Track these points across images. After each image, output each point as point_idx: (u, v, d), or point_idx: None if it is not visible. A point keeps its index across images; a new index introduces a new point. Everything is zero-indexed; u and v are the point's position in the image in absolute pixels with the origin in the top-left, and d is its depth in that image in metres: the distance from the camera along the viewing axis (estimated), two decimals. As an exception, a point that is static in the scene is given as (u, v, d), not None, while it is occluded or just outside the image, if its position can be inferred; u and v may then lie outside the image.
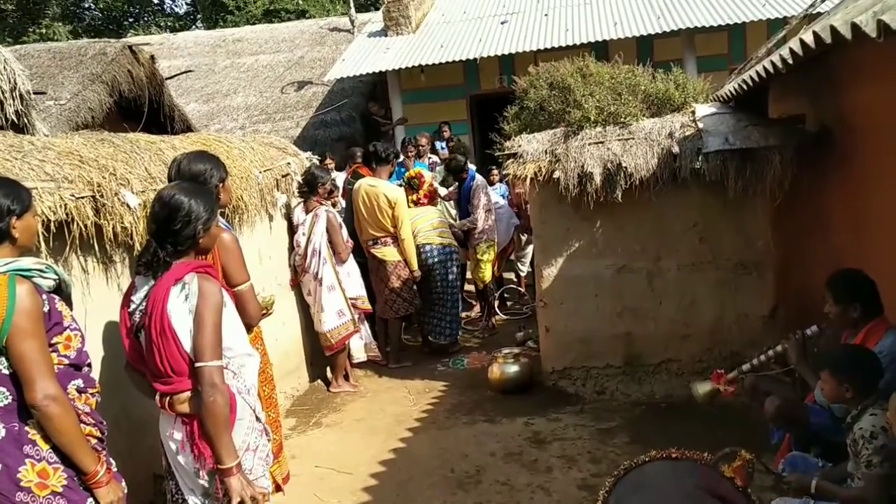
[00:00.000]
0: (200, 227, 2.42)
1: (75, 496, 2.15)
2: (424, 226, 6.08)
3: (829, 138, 3.95)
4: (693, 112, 4.65)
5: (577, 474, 3.81)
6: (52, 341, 2.16)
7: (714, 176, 4.40)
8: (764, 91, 4.55)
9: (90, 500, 2.18)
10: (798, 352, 3.29)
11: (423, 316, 6.23)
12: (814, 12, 4.87)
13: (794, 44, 2.76)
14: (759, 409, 3.31)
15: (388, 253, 5.78)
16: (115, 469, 2.33)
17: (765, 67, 3.36)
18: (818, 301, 3.35)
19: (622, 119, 4.72)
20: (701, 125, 4.50)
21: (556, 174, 4.62)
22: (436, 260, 6.06)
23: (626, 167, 4.50)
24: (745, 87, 3.97)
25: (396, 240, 5.76)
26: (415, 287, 5.90)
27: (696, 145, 4.44)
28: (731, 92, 4.41)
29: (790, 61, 2.91)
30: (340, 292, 5.32)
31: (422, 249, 5.98)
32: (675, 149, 4.48)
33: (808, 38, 2.50)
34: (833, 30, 2.13)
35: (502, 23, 10.52)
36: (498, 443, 4.29)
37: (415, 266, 5.83)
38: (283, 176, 5.18)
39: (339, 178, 7.20)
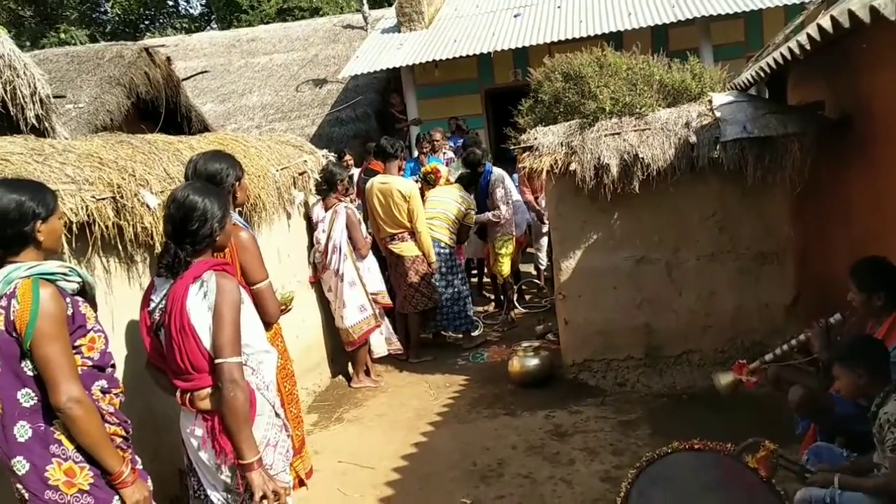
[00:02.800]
0: (216, 226, 2.45)
1: (102, 494, 2.18)
2: (440, 217, 6.07)
3: (850, 124, 3.89)
4: (710, 101, 4.61)
5: (600, 466, 3.80)
6: (76, 344, 2.18)
7: (732, 165, 4.36)
8: (782, 78, 4.50)
9: (116, 498, 2.21)
10: (822, 341, 3.25)
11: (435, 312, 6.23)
12: (832, -4, 4.80)
13: (811, 29, 2.73)
14: (783, 400, 3.28)
15: (405, 248, 5.79)
16: (140, 467, 2.36)
17: (782, 54, 3.32)
18: (841, 290, 3.31)
19: (638, 110, 4.68)
20: (718, 114, 4.46)
21: (573, 166, 4.60)
22: (442, 256, 6.06)
23: (642, 158, 4.47)
24: (762, 74, 3.93)
25: (413, 234, 5.78)
26: (433, 281, 5.91)
27: (714, 134, 4.40)
28: (748, 80, 4.37)
29: (808, 47, 2.88)
30: (361, 287, 5.34)
31: (435, 244, 5.99)
32: (693, 138, 4.44)
33: (826, 23, 2.46)
34: (852, 14, 2.10)
35: (515, 16, 10.48)
36: (519, 436, 4.29)
37: (433, 258, 5.85)
38: (300, 174, 5.21)
39: (355, 174, 7.22)
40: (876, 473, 2.51)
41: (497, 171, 6.67)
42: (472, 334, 6.25)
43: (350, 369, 5.65)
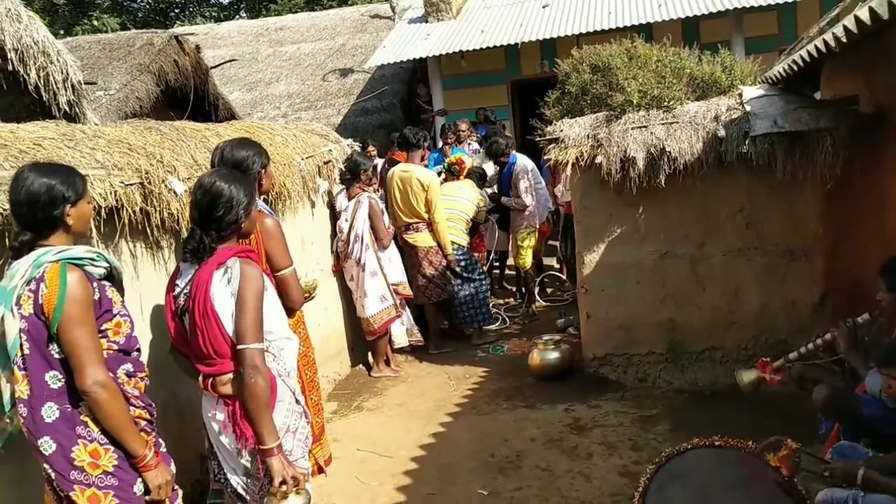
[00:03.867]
0: (242, 212, 2.47)
1: (126, 476, 2.22)
2: (455, 219, 6.04)
3: (885, 119, 3.81)
4: (740, 94, 4.54)
5: (618, 461, 3.79)
6: (102, 328, 2.22)
7: (762, 160, 4.29)
8: (815, 72, 4.41)
9: (140, 480, 2.25)
10: (849, 340, 3.20)
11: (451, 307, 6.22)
12: (869, -11, 4.69)
13: (848, 21, 2.67)
14: (808, 399, 3.23)
15: (419, 239, 5.78)
16: (164, 450, 2.39)
17: (817, 47, 3.25)
18: (870, 289, 3.26)
19: (666, 102, 4.63)
20: (748, 108, 4.39)
21: (599, 159, 4.56)
22: (458, 258, 6.04)
23: (669, 151, 4.42)
24: (795, 67, 3.85)
25: (429, 226, 5.78)
26: (448, 273, 5.90)
27: (744, 128, 4.34)
28: (780, 73, 4.29)
29: (844, 40, 2.82)
30: (382, 278, 5.36)
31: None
32: (721, 132, 4.38)
33: (864, 14, 2.41)
34: (891, 5, 2.05)
35: (544, 6, 10.39)
36: (538, 429, 4.29)
37: (449, 250, 5.84)
38: (325, 163, 5.23)
39: (379, 165, 7.23)
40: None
41: (521, 162, 6.64)
42: (485, 328, 6.23)
43: (370, 359, 5.68)
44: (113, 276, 2.35)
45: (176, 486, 2.38)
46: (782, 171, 4.28)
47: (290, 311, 2.99)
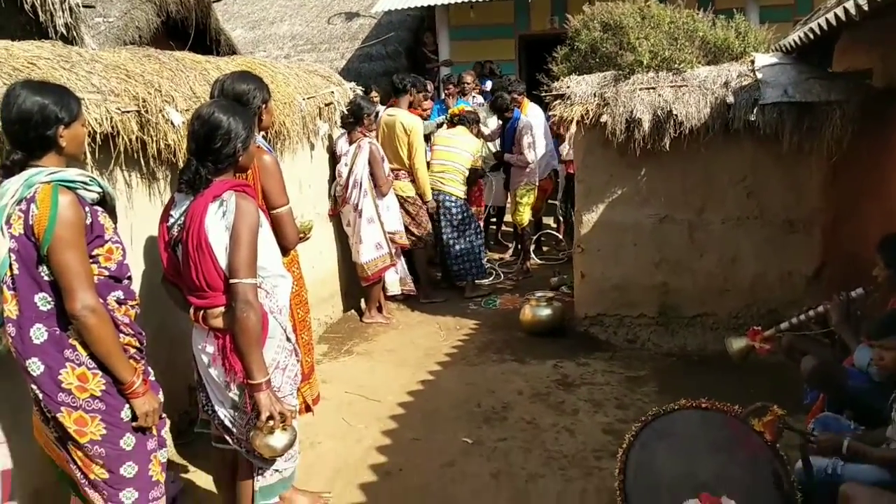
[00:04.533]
0: (240, 145, 2.42)
1: (113, 401, 2.22)
2: (450, 170, 6.00)
3: (897, 94, 3.75)
4: (752, 61, 4.46)
5: (604, 418, 3.82)
6: (93, 253, 2.18)
7: (769, 129, 4.24)
8: (830, 43, 4.32)
9: (127, 406, 2.25)
10: (841, 313, 3.21)
11: (448, 262, 6.22)
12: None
13: (870, -11, 2.60)
14: (795, 369, 3.26)
15: (398, 187, 5.71)
16: (152, 379, 2.39)
17: (836, 15, 3.17)
18: (867, 264, 3.25)
19: (676, 65, 4.55)
20: (759, 75, 4.32)
21: (604, 118, 4.50)
22: (454, 212, 6.02)
23: (676, 115, 4.36)
24: (810, 37, 3.77)
25: (410, 174, 5.73)
26: (426, 223, 5.86)
27: (753, 96, 4.27)
28: (794, 42, 4.20)
29: (866, 8, 2.75)
30: (379, 225, 5.33)
31: (440, 196, 5.95)
32: (730, 99, 4.32)
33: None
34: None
35: (558, -40, 10.14)
36: (526, 382, 4.32)
37: (429, 196, 5.83)
38: (326, 104, 5.14)
39: (381, 112, 7.11)
40: (885, 447, 2.49)
41: (525, 118, 6.56)
42: (476, 282, 6.23)
43: (363, 304, 5.68)
44: (106, 202, 2.31)
45: (163, 415, 2.39)
46: (789, 142, 4.24)
47: (285, 250, 2.97)
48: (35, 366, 2.13)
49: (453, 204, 6.00)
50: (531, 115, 6.71)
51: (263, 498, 2.62)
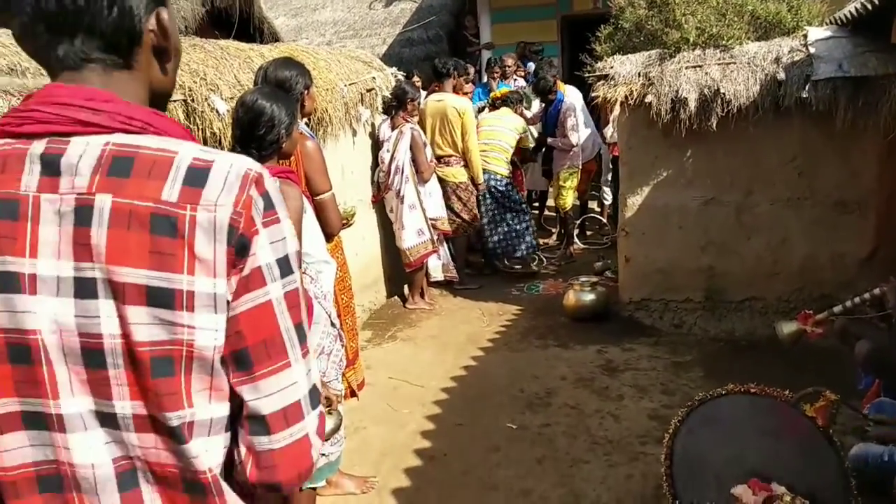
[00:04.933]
0: (283, 132, 2.44)
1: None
2: (495, 148, 5.99)
3: (959, 67, 3.59)
4: (805, 35, 4.31)
5: (649, 404, 3.78)
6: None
7: (822, 106, 4.10)
8: (888, 14, 4.15)
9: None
10: (898, 296, 3.09)
11: (486, 245, 6.23)
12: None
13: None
14: (849, 354, 3.15)
15: (449, 173, 5.71)
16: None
17: (893, -16, 3.04)
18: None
19: (724, 42, 4.42)
20: (812, 50, 4.17)
21: (648, 98, 4.41)
22: (501, 190, 6.02)
23: (724, 93, 4.25)
24: (868, 7, 3.62)
25: (462, 159, 5.71)
26: (476, 209, 5.86)
27: (805, 72, 4.13)
28: (849, 14, 4.04)
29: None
30: (421, 212, 5.34)
31: (492, 177, 5.95)
32: (781, 75, 4.18)
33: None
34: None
35: (601, -62, 9.94)
36: (569, 367, 4.29)
37: (481, 179, 5.84)
38: (367, 90, 5.15)
39: (422, 97, 7.11)
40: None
41: (569, 100, 6.47)
42: (517, 266, 6.23)
43: (406, 290, 5.71)
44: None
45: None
46: (843, 119, 4.10)
47: (329, 236, 2.99)
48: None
49: (498, 182, 6.00)
50: (571, 97, 6.63)
51: (310, 482, 2.66)
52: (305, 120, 3.21)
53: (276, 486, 1.00)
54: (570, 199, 6.60)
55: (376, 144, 5.40)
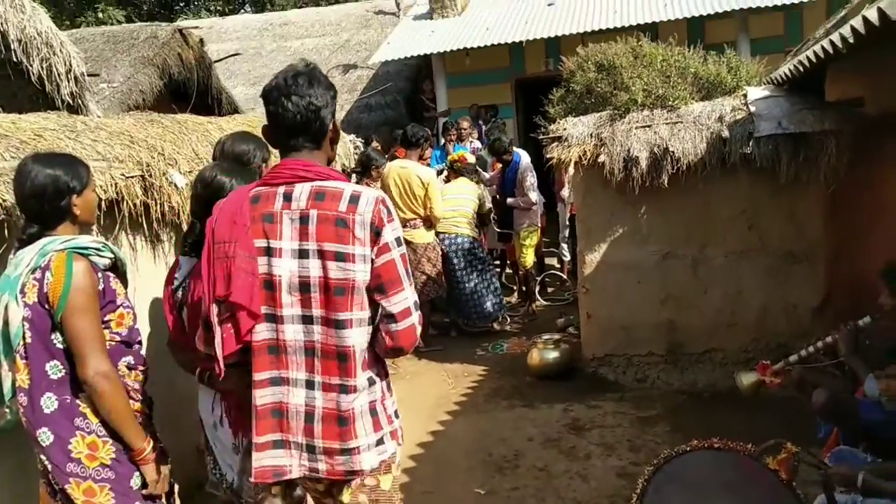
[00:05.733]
0: (244, 207, 2.47)
1: (122, 469, 2.21)
2: (459, 213, 6.11)
3: (891, 122, 3.79)
4: (745, 95, 4.52)
5: (616, 462, 3.77)
6: (106, 318, 2.21)
7: (765, 161, 4.29)
8: (821, 74, 4.39)
9: (137, 473, 2.24)
10: (849, 344, 3.18)
11: (456, 304, 6.27)
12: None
13: (856, 22, 2.65)
14: (807, 402, 3.22)
15: (417, 235, 5.78)
16: (161, 445, 2.38)
17: (824, 47, 3.22)
18: (872, 293, 3.24)
19: (670, 102, 4.62)
20: (753, 108, 4.38)
21: (602, 158, 4.55)
22: (466, 248, 6.14)
23: (673, 151, 4.41)
24: (801, 69, 3.83)
25: (426, 222, 5.79)
26: (440, 266, 5.93)
27: (748, 129, 4.33)
28: (785, 74, 4.27)
29: (851, 40, 2.79)
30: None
31: (457, 239, 6.07)
32: (725, 133, 4.37)
33: (873, 14, 2.39)
34: (897, 7, 2.03)
35: (549, 4, 10.35)
36: (536, 428, 4.28)
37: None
38: (327, 158, 5.21)
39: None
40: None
41: (525, 160, 6.63)
42: (481, 325, 6.31)
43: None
44: (117, 267, 2.34)
45: (172, 480, 2.37)
46: (786, 173, 4.28)
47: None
48: (45, 436, 2.13)
49: (468, 242, 6.12)
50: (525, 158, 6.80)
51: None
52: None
53: (400, 350, 1.88)
54: (530, 257, 6.69)
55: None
